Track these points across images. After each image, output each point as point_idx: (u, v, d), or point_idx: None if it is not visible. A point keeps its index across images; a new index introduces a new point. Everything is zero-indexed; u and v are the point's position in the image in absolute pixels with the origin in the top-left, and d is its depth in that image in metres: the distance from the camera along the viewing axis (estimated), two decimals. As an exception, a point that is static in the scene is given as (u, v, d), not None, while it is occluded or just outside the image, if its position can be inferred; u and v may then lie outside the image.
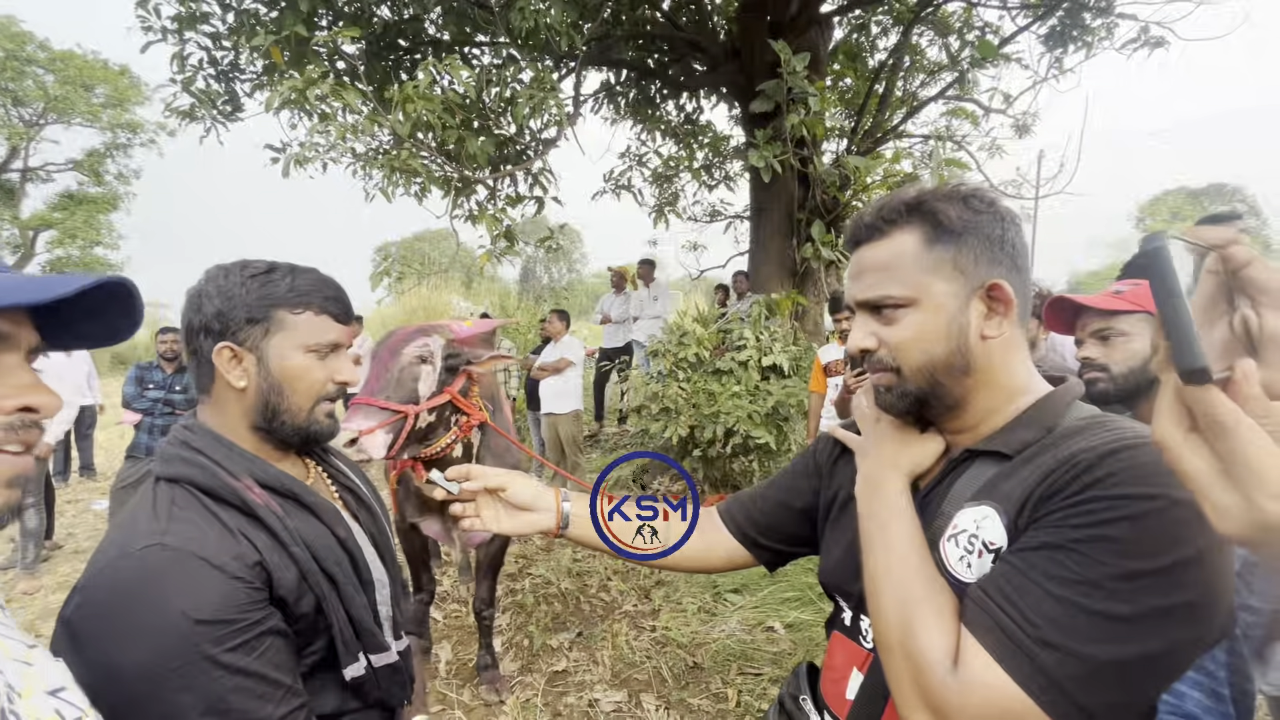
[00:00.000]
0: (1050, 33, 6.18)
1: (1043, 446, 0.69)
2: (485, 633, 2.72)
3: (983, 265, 0.71)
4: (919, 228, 0.73)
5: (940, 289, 0.72)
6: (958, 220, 0.71)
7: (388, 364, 1.84)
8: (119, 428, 6.81)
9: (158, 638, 0.70)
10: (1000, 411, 0.75)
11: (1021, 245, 0.74)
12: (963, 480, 0.74)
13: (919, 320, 0.72)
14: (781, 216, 6.23)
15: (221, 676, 0.72)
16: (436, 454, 2.01)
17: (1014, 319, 0.73)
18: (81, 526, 5.14)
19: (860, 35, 7.55)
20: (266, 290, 0.87)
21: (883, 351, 0.76)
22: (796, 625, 3.00)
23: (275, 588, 0.81)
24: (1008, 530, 0.65)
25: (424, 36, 5.96)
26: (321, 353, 0.91)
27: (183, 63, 5.33)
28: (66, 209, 19.30)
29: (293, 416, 0.90)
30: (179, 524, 0.77)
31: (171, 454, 0.84)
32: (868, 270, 0.76)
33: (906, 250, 0.73)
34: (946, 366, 0.72)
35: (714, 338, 5.01)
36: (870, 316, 0.77)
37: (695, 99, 7.68)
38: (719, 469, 4.78)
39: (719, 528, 1.05)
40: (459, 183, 5.15)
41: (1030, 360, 0.77)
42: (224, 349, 0.85)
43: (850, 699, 0.79)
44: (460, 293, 12.66)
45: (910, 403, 0.76)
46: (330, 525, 0.91)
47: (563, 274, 37.01)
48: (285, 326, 0.88)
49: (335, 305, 0.93)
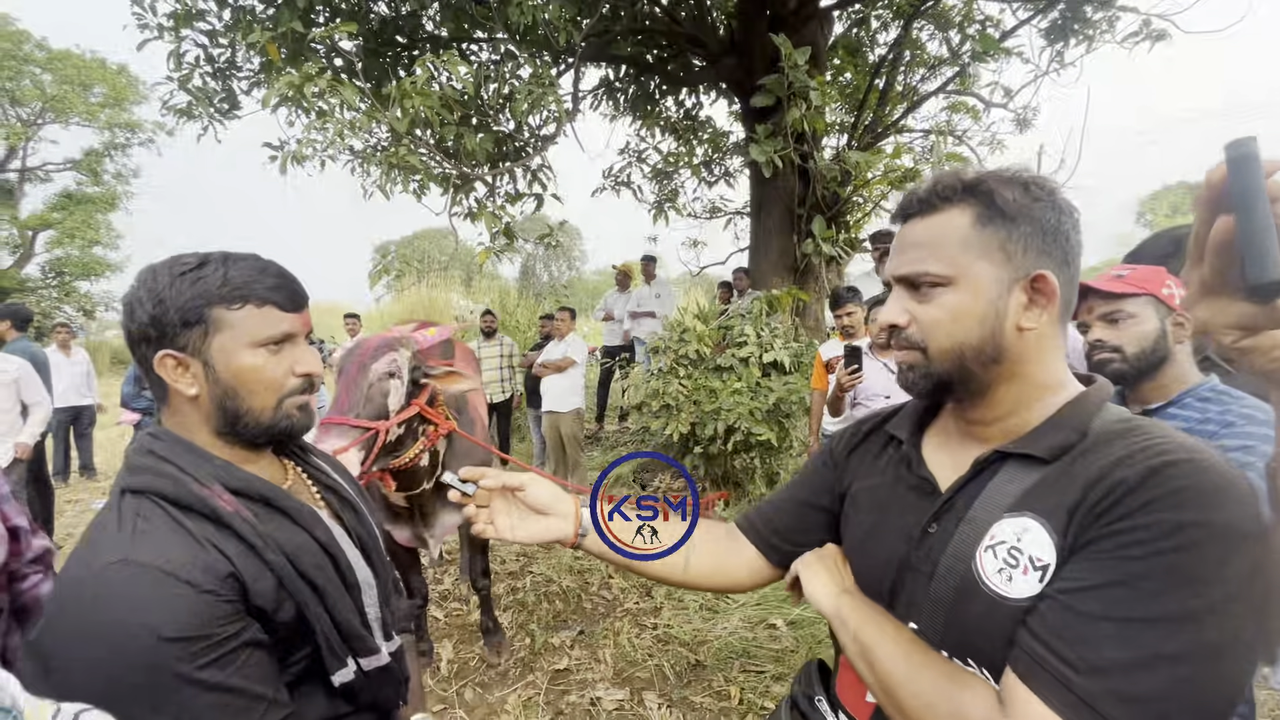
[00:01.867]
0: (1051, 26, 6.16)
1: (1079, 453, 0.66)
2: (485, 601, 2.92)
3: (1032, 254, 0.69)
4: (973, 207, 0.70)
5: (983, 271, 0.69)
6: (1014, 204, 0.69)
7: (356, 380, 1.82)
8: (119, 427, 6.80)
9: (124, 658, 0.67)
10: (1029, 409, 0.72)
11: (1076, 240, 0.71)
12: (995, 483, 0.70)
13: (955, 300, 0.70)
14: (782, 212, 6.21)
15: (197, 694, 0.69)
16: (405, 464, 2.04)
17: (1055, 314, 0.70)
18: (82, 526, 5.13)
19: (860, 29, 7.52)
20: (198, 289, 0.79)
21: (912, 329, 0.73)
22: (799, 622, 2.99)
23: (251, 598, 0.77)
24: (1058, 550, 0.62)
25: (422, 32, 5.93)
26: (273, 347, 0.84)
27: (179, 60, 5.31)
28: (65, 209, 19.26)
29: (256, 417, 0.84)
30: (144, 538, 0.73)
31: (137, 464, 0.80)
32: (910, 245, 0.74)
33: (955, 228, 0.70)
34: (976, 352, 0.70)
35: (715, 334, 4.99)
36: (906, 292, 0.74)
37: (695, 94, 7.66)
38: (720, 466, 4.77)
39: (739, 537, 1.00)
40: (458, 180, 5.13)
41: (1065, 359, 0.75)
42: (165, 358, 0.79)
43: (872, 702, 0.77)
44: (460, 291, 12.64)
45: (933, 385, 0.74)
46: (308, 528, 0.86)
47: (563, 271, 37.00)
48: (225, 325, 0.81)
49: (278, 294, 0.84)
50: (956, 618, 0.68)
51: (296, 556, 0.82)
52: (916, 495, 0.78)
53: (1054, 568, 0.61)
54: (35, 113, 18.64)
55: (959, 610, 0.67)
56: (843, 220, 6.33)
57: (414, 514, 2.42)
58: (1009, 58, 6.57)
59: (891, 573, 0.77)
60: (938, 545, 0.71)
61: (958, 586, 0.68)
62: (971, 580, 0.66)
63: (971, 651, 0.66)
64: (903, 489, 0.80)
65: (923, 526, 0.74)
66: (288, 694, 0.81)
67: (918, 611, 0.72)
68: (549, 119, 5.59)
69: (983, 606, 0.65)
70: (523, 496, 0.94)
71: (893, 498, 0.81)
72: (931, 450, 0.81)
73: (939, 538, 0.72)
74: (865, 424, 0.94)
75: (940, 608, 0.69)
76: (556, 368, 5.26)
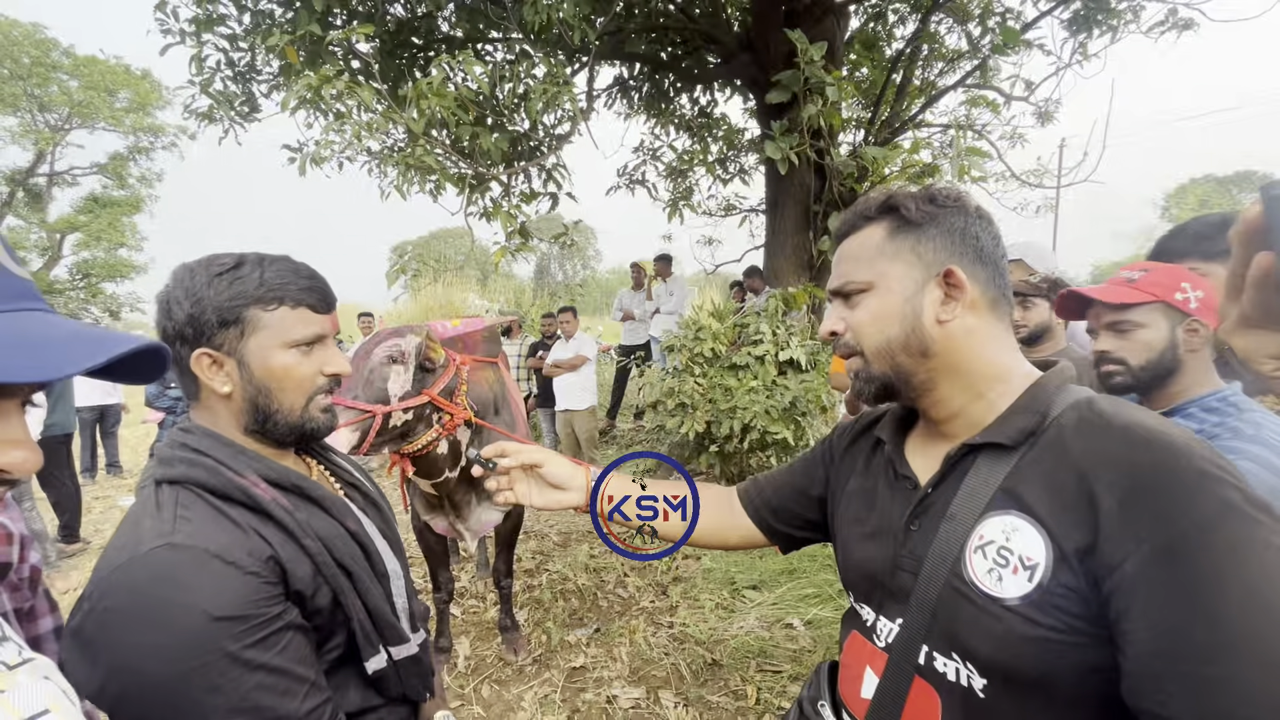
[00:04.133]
0: (1074, 17, 6.02)
1: (1049, 441, 0.68)
2: (505, 600, 2.96)
3: (942, 254, 0.75)
4: (888, 221, 0.78)
5: (896, 273, 0.76)
6: (918, 213, 0.76)
7: (359, 365, 1.91)
8: (144, 426, 6.94)
9: (179, 638, 0.67)
10: (982, 399, 0.75)
11: (989, 239, 0.77)
12: (971, 478, 0.71)
13: (877, 303, 0.77)
14: (797, 210, 6.16)
15: (245, 674, 0.70)
16: (419, 450, 2.10)
17: (977, 306, 0.75)
18: (109, 523, 5.24)
19: (877, 24, 7.42)
20: (235, 289, 0.81)
21: (848, 335, 0.80)
22: (816, 622, 2.97)
23: (290, 582, 0.79)
24: (1054, 553, 0.61)
25: (437, 33, 5.96)
26: (305, 347, 0.86)
27: (201, 65, 5.39)
28: (91, 212, 19.69)
29: (285, 416, 0.86)
30: (187, 523, 0.74)
31: (171, 455, 0.81)
32: (840, 262, 0.83)
33: (873, 240, 0.79)
34: (903, 346, 0.76)
35: (730, 332, 4.97)
36: (840, 302, 0.82)
37: (709, 92, 7.61)
38: (736, 464, 4.74)
39: (738, 509, 1.08)
40: (473, 179, 5.15)
41: (1012, 348, 0.78)
42: (201, 356, 0.81)
43: (865, 698, 0.78)
44: (476, 290, 12.73)
45: (877, 387, 0.79)
46: (340, 518, 0.89)
47: (577, 270, 37.11)
48: (261, 325, 0.83)
49: (311, 295, 0.87)
50: (944, 617, 0.69)
51: (331, 544, 0.85)
52: (900, 494, 0.81)
53: (1044, 567, 0.62)
54: (63, 118, 19.07)
55: (947, 610, 0.69)
56: (860, 217, 6.24)
57: (444, 503, 2.45)
58: (1030, 50, 6.43)
59: (881, 571, 0.79)
60: (920, 543, 0.74)
61: (945, 586, 0.69)
62: (960, 581, 0.68)
63: (960, 649, 0.68)
64: (888, 489, 0.84)
65: (905, 525, 0.77)
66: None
67: (903, 609, 0.74)
68: (564, 118, 5.60)
69: (974, 607, 0.66)
70: (542, 472, 1.04)
71: (880, 498, 0.84)
72: (913, 451, 0.85)
73: (921, 536, 0.74)
74: (862, 421, 0.98)
75: (925, 606, 0.71)
76: (570, 366, 5.27)
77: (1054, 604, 0.60)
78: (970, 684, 0.67)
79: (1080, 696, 0.61)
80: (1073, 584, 0.60)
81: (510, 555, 2.93)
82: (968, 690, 0.67)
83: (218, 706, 0.68)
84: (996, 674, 0.65)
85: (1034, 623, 0.61)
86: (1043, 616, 0.61)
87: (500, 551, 2.90)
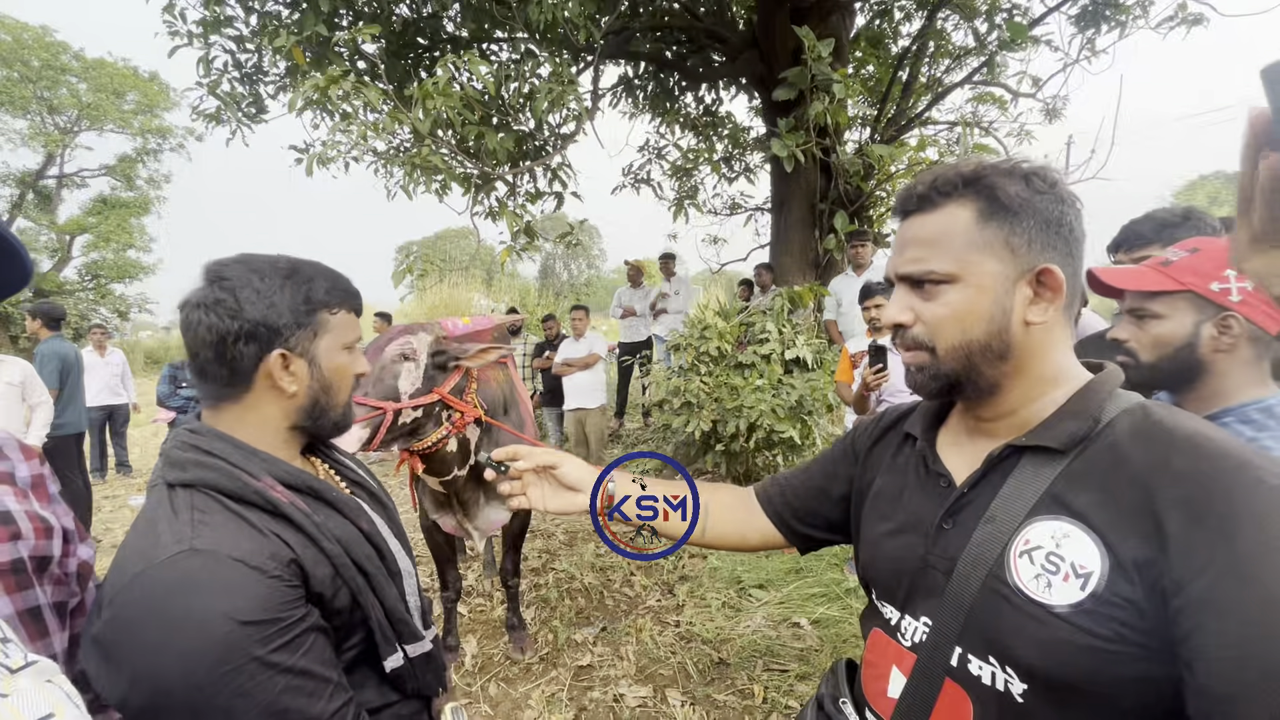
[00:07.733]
0: (1082, 12, 5.99)
1: (1103, 448, 0.65)
2: (512, 599, 2.95)
3: (1036, 247, 0.68)
4: (974, 202, 0.69)
5: (988, 268, 0.69)
6: (1016, 198, 0.68)
7: (371, 361, 1.90)
8: (153, 425, 6.99)
9: (205, 644, 0.67)
10: (1038, 401, 0.71)
11: (1080, 231, 0.70)
12: (1014, 481, 0.68)
13: (961, 298, 0.70)
14: (803, 208, 6.15)
15: (273, 677, 0.70)
16: (429, 448, 2.10)
17: (1061, 306, 0.69)
18: (118, 522, 5.28)
19: (883, 21, 7.40)
20: (305, 292, 0.86)
21: (918, 328, 0.73)
22: (823, 621, 2.96)
23: (311, 584, 0.79)
24: (1110, 563, 0.60)
25: (443, 34, 5.98)
26: (352, 349, 0.93)
27: (208, 66, 5.43)
28: (100, 213, 19.82)
29: (333, 411, 0.92)
30: (205, 528, 0.74)
31: (181, 458, 0.80)
32: (912, 243, 0.73)
33: (957, 225, 0.70)
34: (984, 349, 0.70)
35: (736, 331, 4.96)
36: (909, 291, 0.74)
37: (714, 90, 7.61)
38: (742, 464, 4.74)
39: (756, 510, 1.04)
40: (479, 179, 5.17)
41: (1070, 348, 0.74)
42: (278, 357, 0.84)
43: (892, 697, 0.76)
44: (481, 289, 12.75)
45: (942, 385, 0.73)
46: (354, 519, 0.90)
47: (582, 270, 37.13)
48: (328, 328, 0.88)
49: (356, 300, 0.94)
50: (979, 619, 0.67)
51: (348, 545, 0.85)
52: (932, 492, 0.77)
53: (1099, 576, 0.59)
54: (72, 120, 19.22)
55: (985, 613, 0.66)
56: (866, 215, 6.23)
57: (451, 501, 2.46)
58: (1037, 46, 6.39)
59: (909, 569, 0.76)
60: (954, 542, 0.71)
61: (983, 588, 0.66)
62: (1002, 584, 0.65)
63: (999, 654, 0.65)
64: (919, 486, 0.80)
65: (938, 523, 0.74)
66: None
67: (933, 609, 0.72)
68: (569, 117, 5.61)
69: (1018, 612, 0.63)
70: (557, 474, 1.01)
71: (910, 495, 0.81)
72: (945, 447, 0.81)
73: (955, 535, 0.71)
74: (886, 418, 0.95)
75: (959, 607, 0.68)
76: (584, 364, 5.26)
77: (1107, 614, 0.58)
78: (1009, 689, 0.64)
79: (1123, 706, 0.60)
80: (1130, 595, 0.58)
81: (518, 554, 2.93)
82: (1004, 695, 0.65)
83: (247, 710, 0.69)
84: (1039, 680, 0.63)
85: (1085, 631, 0.59)
86: (1095, 625, 0.59)
87: (507, 551, 2.89)
